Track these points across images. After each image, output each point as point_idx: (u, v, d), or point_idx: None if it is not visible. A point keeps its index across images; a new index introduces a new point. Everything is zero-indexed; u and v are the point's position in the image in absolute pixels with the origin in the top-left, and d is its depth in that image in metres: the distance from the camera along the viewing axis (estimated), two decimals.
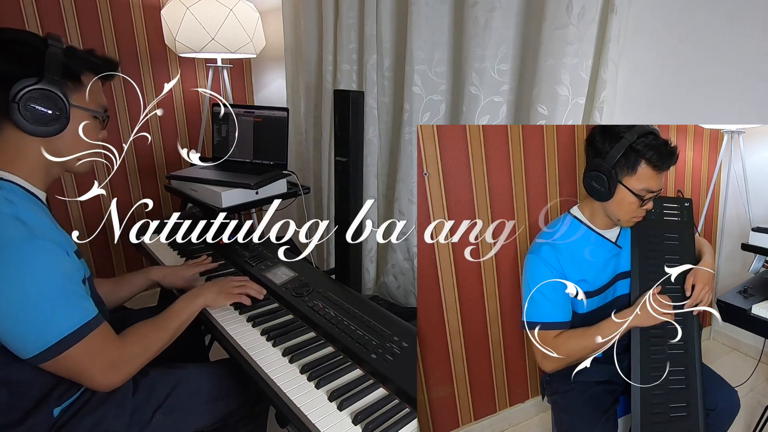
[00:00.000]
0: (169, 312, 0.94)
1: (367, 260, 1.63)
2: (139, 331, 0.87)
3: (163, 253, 1.35)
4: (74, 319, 0.75)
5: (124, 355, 0.82)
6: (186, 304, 0.96)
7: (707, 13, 0.91)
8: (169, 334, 0.91)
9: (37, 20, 1.76)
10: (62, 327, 0.73)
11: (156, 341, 0.88)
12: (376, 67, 1.46)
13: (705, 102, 0.94)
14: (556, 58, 1.01)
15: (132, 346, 0.84)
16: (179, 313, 0.94)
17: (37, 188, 0.84)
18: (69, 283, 0.76)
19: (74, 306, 0.76)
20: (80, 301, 0.78)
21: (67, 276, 0.76)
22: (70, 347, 0.73)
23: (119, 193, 2.12)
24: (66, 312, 0.74)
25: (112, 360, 0.80)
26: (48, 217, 0.82)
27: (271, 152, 1.60)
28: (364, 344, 0.90)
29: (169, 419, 0.90)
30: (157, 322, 0.91)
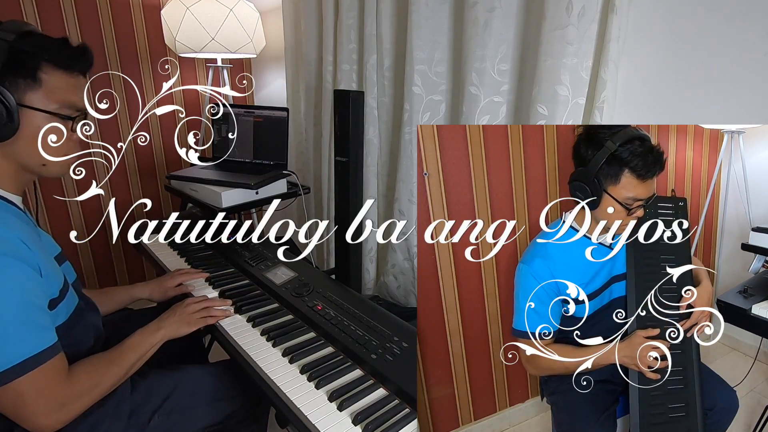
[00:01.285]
0: (125, 346, 0.86)
1: (367, 260, 1.63)
2: (89, 366, 0.79)
3: (162, 253, 1.35)
4: (24, 349, 0.68)
5: (72, 393, 0.74)
6: (144, 338, 0.89)
7: (707, 13, 0.91)
8: (124, 369, 0.83)
9: (37, 20, 1.76)
10: (10, 355, 0.67)
11: (109, 377, 0.80)
12: (376, 67, 1.46)
13: (705, 102, 0.94)
14: (556, 58, 1.01)
15: (82, 382, 0.76)
16: (136, 347, 0.87)
17: (10, 193, 0.78)
18: (27, 309, 0.69)
19: (26, 336, 0.69)
20: (35, 330, 0.70)
21: (27, 300, 0.70)
22: (15, 378, 0.67)
23: (119, 193, 2.12)
24: (14, 342, 0.67)
25: (59, 399, 0.72)
26: (24, 223, 0.77)
27: (271, 152, 1.60)
28: (364, 344, 0.90)
29: (168, 421, 0.89)
30: (112, 356, 0.84)
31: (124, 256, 2.22)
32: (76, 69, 0.79)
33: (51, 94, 0.76)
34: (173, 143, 2.19)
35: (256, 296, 1.11)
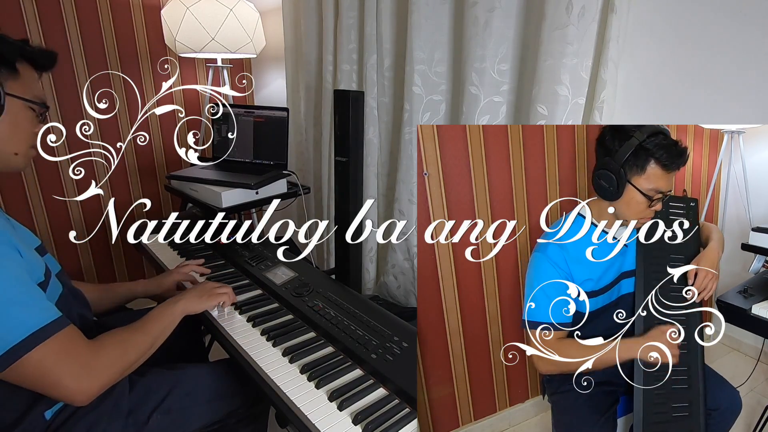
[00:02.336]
0: (148, 316, 0.88)
1: (367, 260, 1.63)
2: (115, 335, 0.80)
3: (162, 253, 1.35)
4: (32, 321, 0.68)
5: (98, 360, 0.73)
6: (165, 309, 0.91)
7: (707, 13, 0.91)
8: (150, 338, 0.85)
9: (37, 20, 1.76)
10: (19, 330, 0.67)
11: (135, 346, 0.81)
12: (376, 67, 1.46)
13: (705, 102, 0.94)
14: (556, 58, 1.01)
15: (108, 349, 0.76)
16: (159, 318, 0.89)
17: None
18: (22, 286, 0.70)
19: (30, 309, 0.69)
20: (38, 302, 0.71)
21: (19, 278, 0.70)
22: (30, 350, 0.67)
23: (119, 193, 2.12)
24: (21, 316, 0.68)
25: (82, 361, 0.71)
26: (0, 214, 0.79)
27: (271, 152, 1.60)
28: (364, 344, 0.90)
29: (166, 420, 0.89)
30: (136, 325, 0.85)
31: (123, 256, 2.22)
32: (43, 67, 0.83)
33: (27, 87, 0.79)
34: (173, 143, 2.19)
35: (256, 296, 1.11)
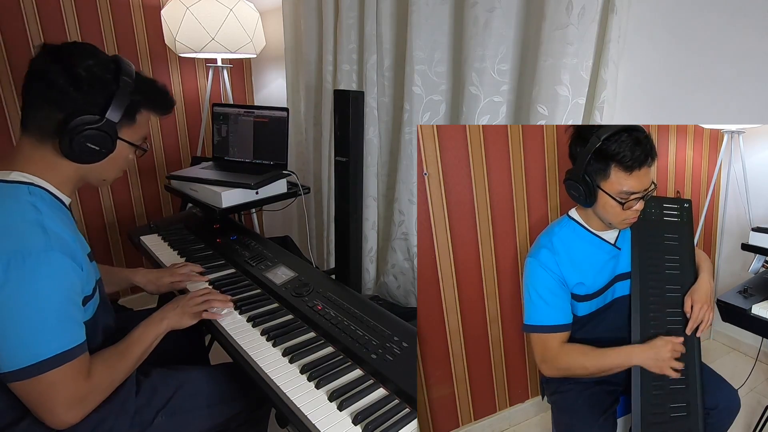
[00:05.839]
0: (131, 339, 0.88)
1: (367, 260, 1.63)
2: (105, 363, 0.81)
3: (162, 253, 1.35)
4: (61, 343, 0.71)
5: (91, 388, 0.77)
6: (149, 329, 0.91)
7: (707, 13, 0.91)
8: (133, 362, 0.86)
9: (38, 20, 1.76)
10: (47, 348, 0.70)
11: (122, 372, 0.84)
12: (376, 67, 1.46)
13: (705, 102, 0.94)
14: (556, 58, 1.01)
15: (98, 377, 0.78)
16: (142, 339, 0.89)
17: (65, 194, 0.83)
18: (68, 304, 0.73)
19: (64, 330, 0.73)
20: (72, 325, 0.74)
21: (69, 296, 0.74)
22: (48, 370, 0.69)
23: (119, 192, 2.12)
24: (55, 334, 0.71)
25: (80, 393, 0.74)
26: (70, 222, 0.82)
27: (271, 152, 1.60)
28: (364, 344, 0.90)
29: (171, 421, 0.90)
30: (120, 349, 0.86)
31: (123, 256, 2.22)
32: (165, 113, 0.92)
33: (139, 130, 0.88)
34: (173, 143, 2.20)
35: (256, 296, 1.11)
